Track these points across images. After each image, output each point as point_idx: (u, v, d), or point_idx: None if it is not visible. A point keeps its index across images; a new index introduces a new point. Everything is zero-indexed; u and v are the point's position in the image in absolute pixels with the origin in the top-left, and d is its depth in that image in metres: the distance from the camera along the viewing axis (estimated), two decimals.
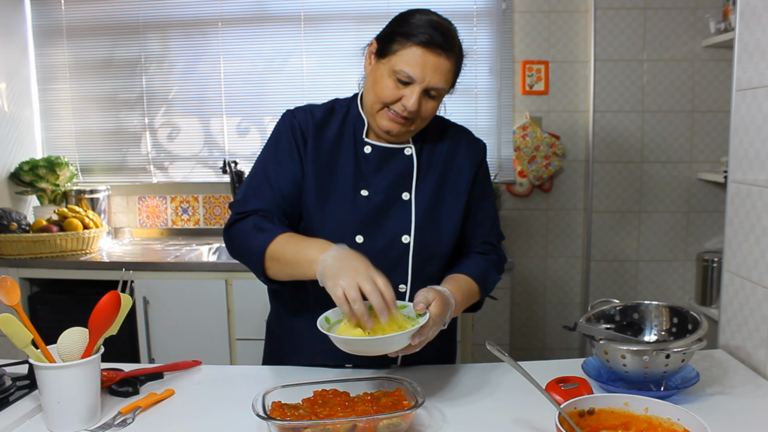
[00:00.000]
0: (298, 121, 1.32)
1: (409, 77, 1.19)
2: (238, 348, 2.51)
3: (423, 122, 1.27)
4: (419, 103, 1.21)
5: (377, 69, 1.24)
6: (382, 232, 1.28)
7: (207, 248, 2.87)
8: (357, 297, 1.03)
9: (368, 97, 1.27)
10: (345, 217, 1.27)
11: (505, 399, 1.17)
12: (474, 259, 1.37)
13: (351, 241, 1.26)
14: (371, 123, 1.30)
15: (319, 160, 1.30)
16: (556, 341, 3.14)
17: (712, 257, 2.76)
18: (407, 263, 1.30)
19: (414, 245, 1.29)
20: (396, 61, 1.19)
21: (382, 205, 1.29)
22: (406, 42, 1.18)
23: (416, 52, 1.18)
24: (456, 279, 1.29)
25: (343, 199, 1.28)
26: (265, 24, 3.00)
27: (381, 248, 1.28)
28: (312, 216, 1.28)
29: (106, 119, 3.11)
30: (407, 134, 1.29)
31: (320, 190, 1.28)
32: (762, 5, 1.31)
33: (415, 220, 1.29)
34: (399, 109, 1.22)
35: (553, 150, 2.96)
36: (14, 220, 2.58)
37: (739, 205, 1.40)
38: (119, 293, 1.07)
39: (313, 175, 1.29)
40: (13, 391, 1.17)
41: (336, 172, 1.30)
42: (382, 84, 1.21)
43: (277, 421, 0.98)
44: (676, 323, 1.26)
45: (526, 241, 3.08)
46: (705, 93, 2.87)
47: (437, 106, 1.26)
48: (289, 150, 1.30)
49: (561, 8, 2.93)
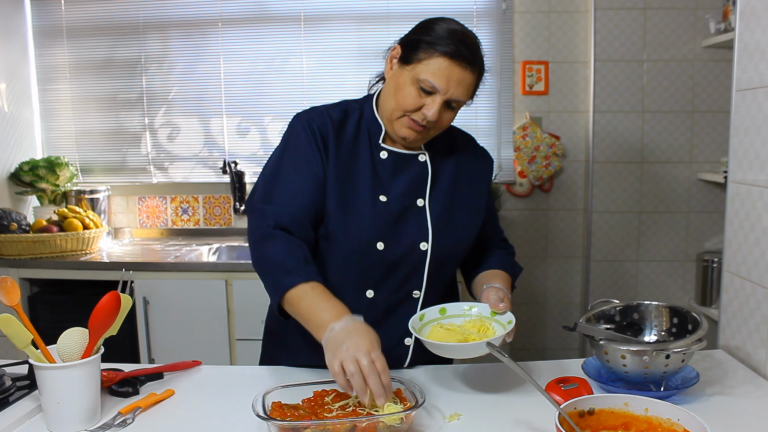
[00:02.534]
0: (317, 124, 1.29)
1: (433, 87, 1.18)
2: (238, 348, 2.51)
3: (437, 132, 1.28)
4: (439, 113, 1.21)
5: (400, 75, 1.23)
6: (401, 239, 1.28)
7: (207, 248, 2.87)
8: (355, 371, 1.01)
9: (388, 103, 1.26)
10: (366, 224, 1.26)
11: (505, 399, 1.17)
12: (500, 255, 1.44)
13: (372, 248, 1.26)
14: (388, 128, 1.29)
15: (340, 164, 1.28)
16: (556, 341, 3.14)
17: (712, 257, 2.76)
18: (423, 270, 1.30)
19: (431, 252, 1.30)
20: (421, 69, 1.18)
21: (400, 211, 1.29)
22: (433, 52, 1.18)
23: (442, 63, 1.17)
24: (498, 275, 1.35)
25: (364, 205, 1.27)
26: (265, 24, 3.00)
27: (401, 255, 1.28)
28: (333, 221, 1.27)
29: (106, 119, 3.11)
30: (421, 141, 1.30)
31: (341, 196, 1.27)
32: (762, 5, 1.31)
33: (431, 226, 1.30)
34: (419, 117, 1.22)
35: (553, 150, 2.96)
36: (14, 221, 2.58)
37: (739, 205, 1.40)
38: (119, 293, 1.07)
39: (334, 180, 1.27)
40: (13, 391, 1.17)
41: (355, 177, 1.28)
42: (405, 91, 1.21)
43: (277, 421, 0.98)
44: (676, 323, 1.26)
45: (526, 241, 3.08)
46: (705, 93, 2.87)
47: (454, 116, 1.27)
48: (313, 154, 1.27)
49: (561, 8, 2.93)
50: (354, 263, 1.29)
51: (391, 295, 1.31)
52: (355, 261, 1.28)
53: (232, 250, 2.92)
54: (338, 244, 1.28)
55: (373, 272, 1.29)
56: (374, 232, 1.26)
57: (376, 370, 1.02)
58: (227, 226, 3.15)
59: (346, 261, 1.29)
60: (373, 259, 1.27)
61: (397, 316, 1.31)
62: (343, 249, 1.28)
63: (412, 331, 1.18)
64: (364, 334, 1.06)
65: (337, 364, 1.03)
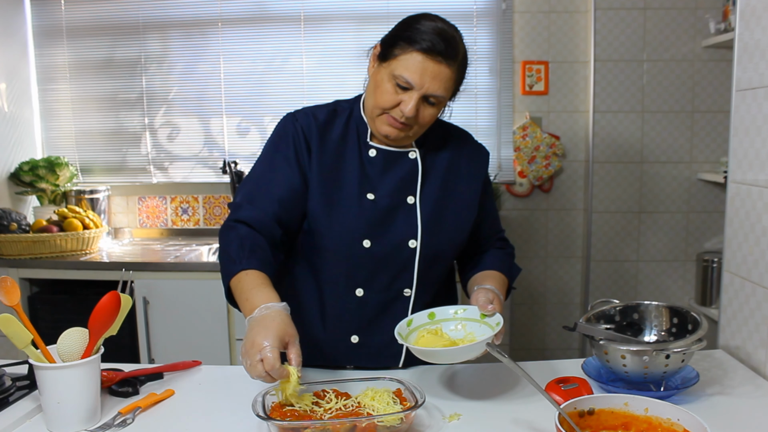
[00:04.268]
0: (300, 125, 1.31)
1: (408, 83, 1.18)
2: (238, 348, 2.51)
3: (421, 129, 1.27)
4: (417, 109, 1.20)
5: (378, 73, 1.23)
6: (389, 236, 1.28)
7: (207, 248, 2.87)
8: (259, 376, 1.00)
9: (369, 100, 1.27)
10: (352, 222, 1.27)
11: (505, 399, 1.17)
12: (497, 254, 1.42)
13: (358, 246, 1.26)
14: (371, 127, 1.29)
15: (324, 164, 1.29)
16: (556, 341, 3.14)
17: (712, 257, 2.76)
18: (413, 267, 1.30)
19: (420, 249, 1.29)
20: (396, 65, 1.19)
21: (389, 208, 1.29)
22: (408, 47, 1.18)
23: (416, 59, 1.17)
24: (492, 275, 1.34)
25: (350, 202, 1.27)
26: (265, 24, 3.00)
27: (388, 253, 1.28)
28: (318, 220, 1.28)
29: (106, 119, 3.11)
30: (406, 139, 1.29)
31: (326, 195, 1.28)
32: (762, 5, 1.31)
33: (421, 224, 1.29)
34: (397, 114, 1.22)
35: (553, 150, 2.96)
36: (14, 221, 2.58)
37: (739, 205, 1.40)
38: (119, 293, 1.07)
39: (318, 180, 1.28)
40: (13, 391, 1.17)
41: (341, 176, 1.29)
42: (382, 88, 1.21)
43: (277, 421, 0.98)
44: (676, 323, 1.26)
45: (526, 241, 3.08)
46: (705, 93, 2.87)
47: (437, 113, 1.26)
48: (290, 156, 1.29)
49: (561, 8, 2.93)
50: (341, 261, 1.29)
51: (381, 294, 1.30)
52: (342, 259, 1.29)
53: None
54: (324, 243, 1.28)
55: (361, 270, 1.29)
56: (359, 229, 1.27)
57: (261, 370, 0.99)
58: None
59: (334, 259, 1.29)
60: (359, 257, 1.27)
61: (389, 315, 1.31)
62: (329, 247, 1.29)
63: (398, 338, 1.16)
64: (263, 329, 1.02)
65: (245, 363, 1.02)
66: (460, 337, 1.22)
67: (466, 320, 1.24)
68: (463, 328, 1.24)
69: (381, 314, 1.31)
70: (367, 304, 1.30)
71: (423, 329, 1.23)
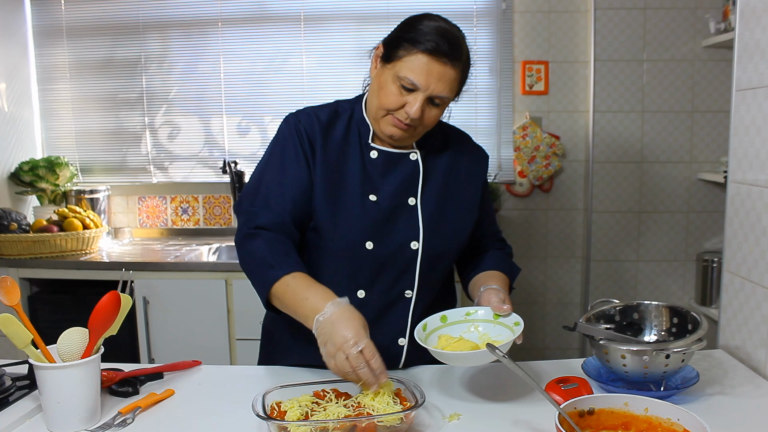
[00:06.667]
0: (303, 126, 1.30)
1: (413, 84, 1.18)
2: (238, 348, 2.51)
3: (425, 129, 1.27)
4: (422, 110, 1.20)
5: (382, 74, 1.23)
6: (391, 238, 1.28)
7: (207, 248, 2.87)
8: (349, 371, 1.04)
9: (372, 102, 1.27)
10: (355, 224, 1.27)
11: (505, 399, 1.17)
12: (497, 255, 1.43)
13: (361, 248, 1.26)
14: (375, 128, 1.29)
15: (328, 165, 1.29)
16: (556, 341, 3.14)
17: (712, 257, 2.76)
18: (415, 269, 1.30)
19: (422, 251, 1.29)
20: (401, 67, 1.18)
21: (391, 210, 1.28)
22: (412, 49, 1.17)
23: (421, 60, 1.17)
24: (495, 276, 1.35)
25: (353, 204, 1.27)
26: (265, 24, 3.00)
27: (390, 254, 1.28)
28: (322, 221, 1.27)
29: (106, 119, 3.11)
30: (409, 139, 1.29)
31: (330, 195, 1.27)
32: (762, 5, 1.31)
33: (423, 226, 1.29)
34: (402, 116, 1.21)
35: (553, 150, 2.96)
36: (14, 220, 2.58)
37: (739, 205, 1.40)
38: (119, 293, 1.07)
39: (322, 180, 1.28)
40: (13, 391, 1.17)
41: (344, 177, 1.29)
42: (387, 90, 1.21)
43: (276, 421, 0.98)
44: (676, 323, 1.26)
45: (526, 241, 3.08)
46: (705, 93, 2.87)
47: (441, 113, 1.26)
48: (297, 156, 1.28)
49: (561, 8, 2.93)
50: (344, 263, 1.29)
51: (382, 296, 1.30)
52: (345, 261, 1.29)
53: (232, 250, 2.92)
54: (328, 244, 1.29)
55: (363, 272, 1.29)
56: (363, 231, 1.26)
57: (364, 359, 1.03)
58: (227, 225, 3.15)
59: (336, 261, 1.29)
60: (362, 259, 1.27)
61: (390, 317, 1.31)
62: (333, 249, 1.29)
63: (420, 342, 1.15)
64: (347, 323, 1.06)
65: (332, 363, 1.05)
66: (474, 338, 1.22)
67: (479, 321, 1.24)
68: (476, 329, 1.23)
69: (382, 316, 1.31)
70: (369, 306, 1.30)
71: (440, 332, 1.23)
